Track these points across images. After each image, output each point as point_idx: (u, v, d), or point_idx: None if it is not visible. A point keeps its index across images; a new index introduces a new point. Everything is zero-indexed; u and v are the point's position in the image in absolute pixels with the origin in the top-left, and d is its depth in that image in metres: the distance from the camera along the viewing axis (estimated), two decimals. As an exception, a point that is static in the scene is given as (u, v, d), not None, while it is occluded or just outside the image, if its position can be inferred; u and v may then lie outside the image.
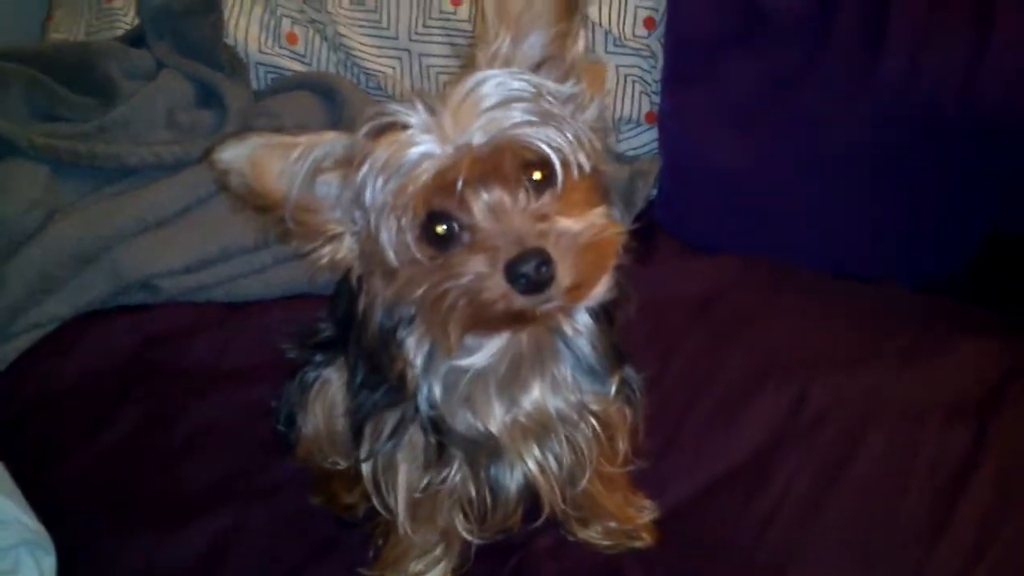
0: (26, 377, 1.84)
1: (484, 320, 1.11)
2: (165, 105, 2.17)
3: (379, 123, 1.08)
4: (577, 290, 1.10)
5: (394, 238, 1.08)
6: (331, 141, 1.12)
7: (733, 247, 2.07)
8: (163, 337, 1.90)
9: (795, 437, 1.62)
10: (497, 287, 1.06)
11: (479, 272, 1.06)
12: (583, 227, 1.09)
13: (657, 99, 2.20)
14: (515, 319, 1.11)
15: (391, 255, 1.09)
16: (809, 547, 1.45)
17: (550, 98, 1.10)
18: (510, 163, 1.07)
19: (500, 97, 1.06)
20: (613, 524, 1.47)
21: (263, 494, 1.59)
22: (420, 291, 1.11)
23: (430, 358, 1.22)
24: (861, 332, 1.84)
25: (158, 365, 1.85)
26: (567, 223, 1.08)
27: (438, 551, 1.42)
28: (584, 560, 1.46)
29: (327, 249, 1.16)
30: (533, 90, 1.08)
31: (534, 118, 1.07)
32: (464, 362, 1.21)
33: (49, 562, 1.33)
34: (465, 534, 1.39)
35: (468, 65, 1.13)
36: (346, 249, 1.16)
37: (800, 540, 1.46)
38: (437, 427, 1.26)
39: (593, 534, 1.47)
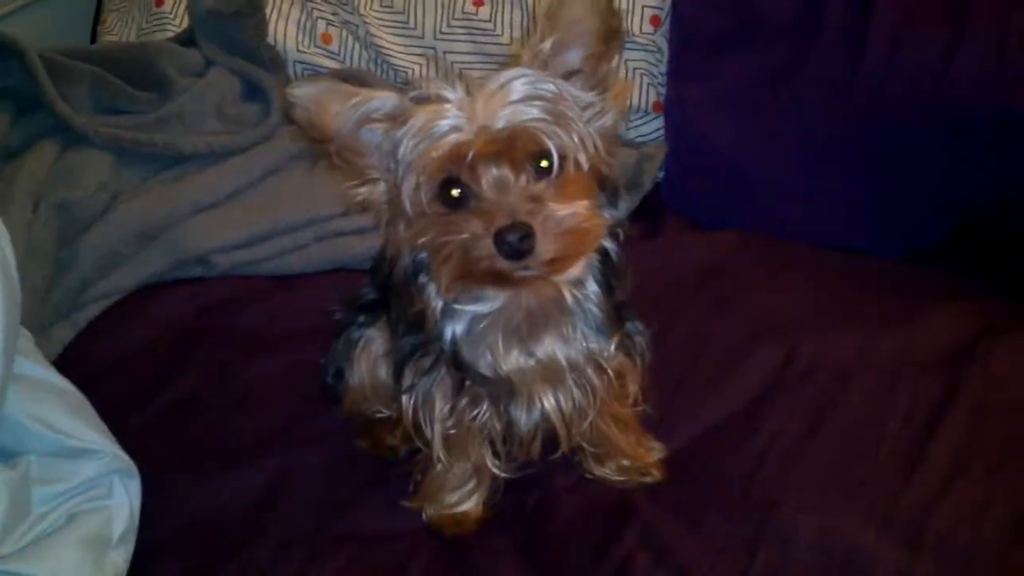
0: (97, 341, 1.97)
1: (471, 274, 1.26)
2: (215, 99, 2.33)
3: (425, 93, 1.26)
4: (553, 264, 1.25)
5: (412, 192, 1.25)
6: (383, 98, 1.27)
7: (733, 224, 2.19)
8: (218, 306, 2.04)
9: (785, 388, 1.74)
10: (485, 248, 1.21)
11: (474, 233, 1.22)
12: (568, 213, 1.23)
13: (663, 90, 2.32)
14: (497, 278, 1.26)
15: (407, 205, 1.26)
16: (798, 481, 1.56)
17: (570, 102, 1.25)
18: (520, 149, 1.22)
19: (526, 93, 1.22)
20: (626, 462, 1.59)
21: (314, 440, 1.72)
22: (426, 239, 1.28)
23: (448, 302, 1.37)
24: (847, 298, 1.97)
25: (214, 330, 1.98)
26: (556, 207, 1.22)
27: (471, 484, 1.55)
28: (599, 494, 1.58)
29: (364, 189, 1.32)
30: (556, 92, 1.24)
31: (548, 117, 1.22)
32: (468, 308, 1.37)
33: (134, 485, 1.48)
34: (493, 468, 1.53)
35: (513, 60, 1.29)
36: (379, 192, 1.32)
37: (789, 475, 1.57)
38: (459, 365, 1.41)
39: (608, 471, 1.59)
